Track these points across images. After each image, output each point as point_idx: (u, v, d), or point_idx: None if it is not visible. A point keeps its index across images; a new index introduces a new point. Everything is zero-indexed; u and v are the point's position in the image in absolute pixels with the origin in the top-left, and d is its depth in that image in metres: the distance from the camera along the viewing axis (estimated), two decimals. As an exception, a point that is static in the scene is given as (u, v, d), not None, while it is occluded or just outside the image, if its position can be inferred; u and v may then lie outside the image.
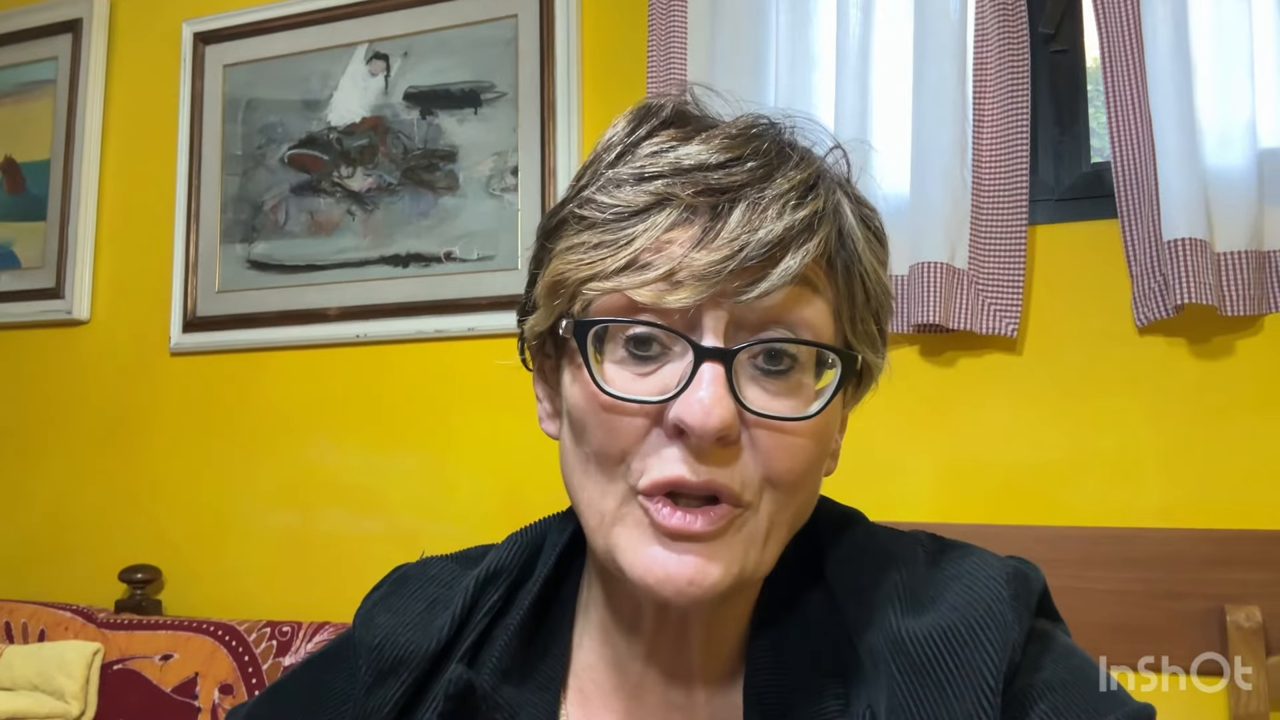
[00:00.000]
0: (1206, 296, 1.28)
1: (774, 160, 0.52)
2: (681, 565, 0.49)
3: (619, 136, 0.55)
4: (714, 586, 0.50)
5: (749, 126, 0.54)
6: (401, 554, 0.72)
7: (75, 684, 1.65)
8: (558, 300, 0.54)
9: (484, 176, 1.80)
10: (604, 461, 0.52)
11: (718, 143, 0.52)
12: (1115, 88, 1.41)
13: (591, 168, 0.55)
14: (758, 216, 0.49)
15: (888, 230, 0.59)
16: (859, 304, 0.54)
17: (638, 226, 0.51)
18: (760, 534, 0.51)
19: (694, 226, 0.50)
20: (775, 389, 0.51)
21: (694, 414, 0.48)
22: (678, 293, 0.49)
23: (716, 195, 0.50)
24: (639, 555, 0.50)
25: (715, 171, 0.51)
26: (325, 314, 1.87)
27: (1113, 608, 1.33)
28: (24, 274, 2.13)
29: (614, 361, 0.51)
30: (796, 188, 0.51)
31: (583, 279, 0.52)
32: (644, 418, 0.50)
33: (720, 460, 0.49)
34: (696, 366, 0.49)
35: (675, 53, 1.58)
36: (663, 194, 0.51)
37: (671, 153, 0.52)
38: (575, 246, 0.53)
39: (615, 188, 0.52)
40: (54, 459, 2.07)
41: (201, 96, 2.02)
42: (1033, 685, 0.51)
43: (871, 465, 1.44)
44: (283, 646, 1.63)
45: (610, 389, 0.50)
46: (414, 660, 0.59)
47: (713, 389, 0.48)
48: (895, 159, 1.49)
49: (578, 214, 0.54)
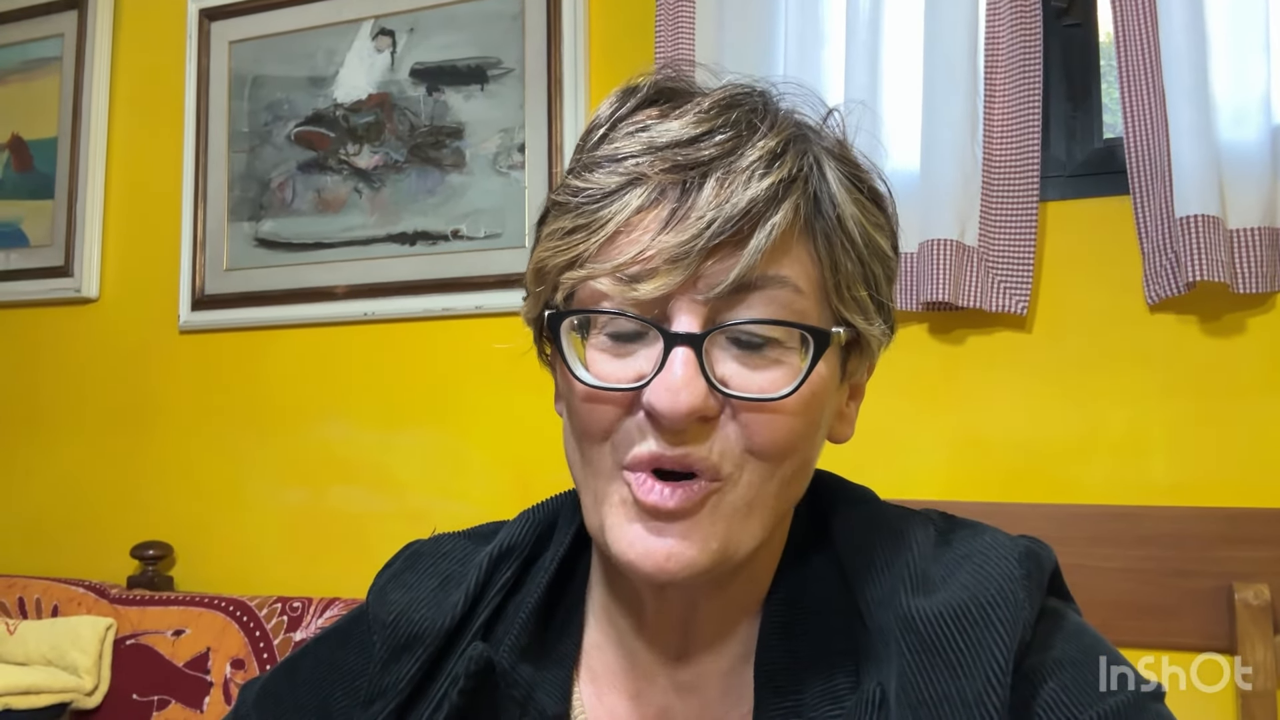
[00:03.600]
0: (1218, 274, 1.28)
1: (744, 131, 0.51)
2: (659, 541, 0.50)
3: (601, 119, 0.55)
4: (691, 563, 0.50)
5: (724, 98, 0.53)
6: (410, 530, 0.72)
7: (88, 659, 1.67)
8: (541, 288, 0.54)
9: (491, 154, 1.79)
10: (589, 440, 0.53)
11: (690, 117, 0.51)
12: (1128, 62, 1.39)
13: (576, 153, 0.55)
14: (725, 190, 0.49)
15: (897, 207, 0.57)
16: (844, 271, 0.53)
17: (611, 208, 0.50)
18: (741, 507, 0.51)
19: (663, 206, 0.50)
20: (754, 365, 0.50)
21: (663, 400, 0.48)
22: (649, 282, 0.49)
23: (685, 171, 0.50)
24: (622, 533, 0.51)
25: (686, 147, 0.50)
26: (333, 292, 1.87)
27: (1121, 586, 1.33)
28: (32, 252, 2.13)
29: (596, 347, 0.52)
30: (764, 156, 0.50)
31: (560, 266, 0.52)
32: (622, 404, 0.51)
33: (697, 437, 0.50)
34: (667, 352, 0.49)
35: (683, 27, 1.56)
36: (633, 174, 0.50)
37: (646, 132, 0.52)
38: (554, 233, 0.53)
39: (589, 171, 0.52)
40: (64, 436, 2.08)
41: (207, 73, 2.02)
42: (1043, 663, 0.51)
43: (880, 443, 1.44)
44: (294, 622, 1.64)
45: (587, 378, 0.51)
46: (428, 636, 0.59)
47: (682, 373, 0.48)
48: (905, 135, 1.48)
49: (556, 200, 0.54)
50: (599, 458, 0.52)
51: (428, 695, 0.58)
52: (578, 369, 0.52)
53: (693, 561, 0.50)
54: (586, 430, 0.53)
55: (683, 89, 0.55)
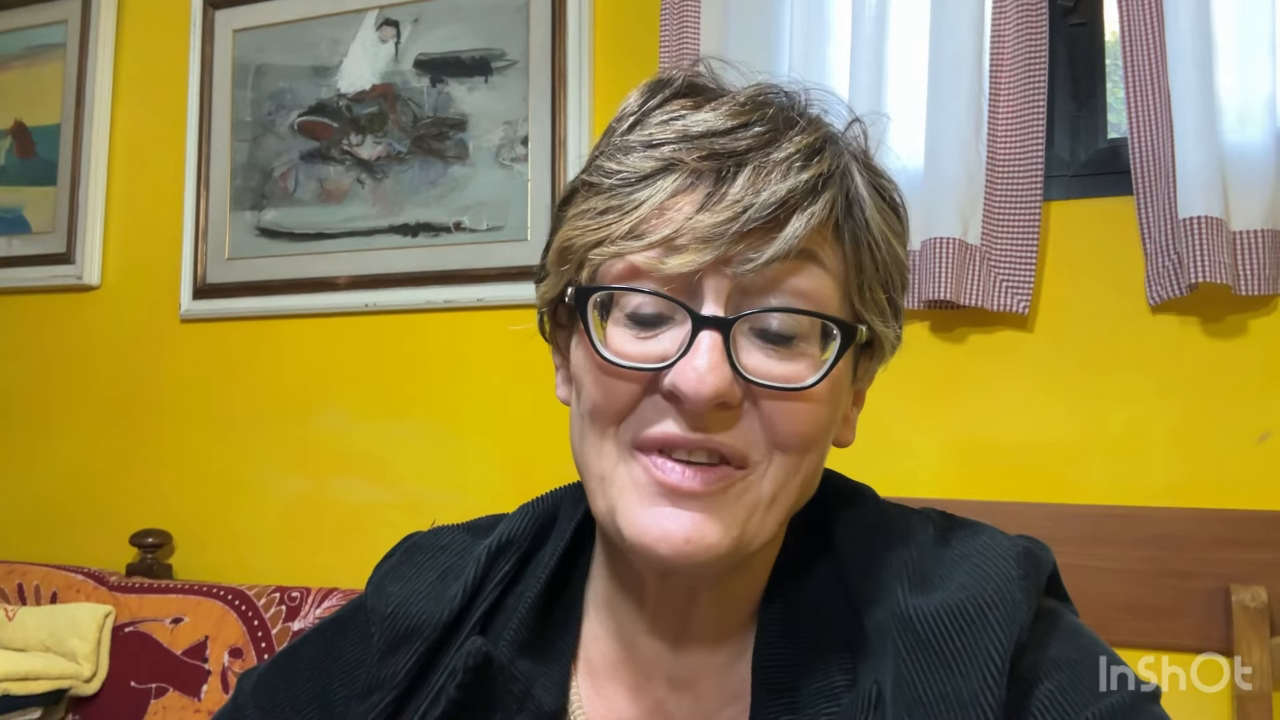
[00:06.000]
0: (1221, 275, 1.27)
1: (780, 126, 0.52)
2: (679, 522, 0.50)
3: (632, 107, 0.55)
4: (712, 547, 0.50)
5: (759, 94, 0.54)
6: (409, 522, 0.72)
7: (87, 645, 1.67)
8: (565, 266, 0.54)
9: (494, 146, 1.79)
10: (600, 421, 0.52)
11: (726, 109, 0.52)
12: (1134, 62, 1.39)
13: (605, 138, 0.56)
14: (761, 180, 0.49)
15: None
16: (867, 273, 0.53)
17: (644, 192, 0.51)
18: (765, 499, 0.51)
19: (698, 191, 0.50)
20: (778, 355, 0.51)
21: (688, 381, 0.48)
22: (680, 256, 0.49)
23: (722, 160, 0.50)
24: (637, 514, 0.51)
25: (722, 137, 0.51)
26: (334, 283, 1.87)
27: (1119, 586, 1.33)
28: (34, 239, 2.13)
29: (618, 326, 0.52)
30: (802, 151, 0.51)
31: (589, 244, 0.52)
32: (641, 383, 0.51)
33: (720, 424, 0.50)
34: (694, 334, 0.49)
35: (688, 22, 1.56)
36: (669, 159, 0.51)
37: (680, 120, 0.52)
38: (584, 213, 0.53)
39: (624, 155, 0.53)
40: (65, 423, 2.08)
41: (211, 62, 2.01)
42: (1039, 664, 0.51)
43: (880, 441, 1.44)
44: (291, 611, 1.64)
45: (608, 354, 0.51)
46: (426, 629, 0.59)
47: (709, 357, 0.48)
48: (910, 133, 1.48)
49: (587, 181, 0.54)
50: (610, 439, 0.52)
51: (425, 688, 0.58)
52: (600, 345, 0.51)
53: (713, 546, 0.50)
54: (601, 409, 0.52)
55: (712, 87, 0.56)
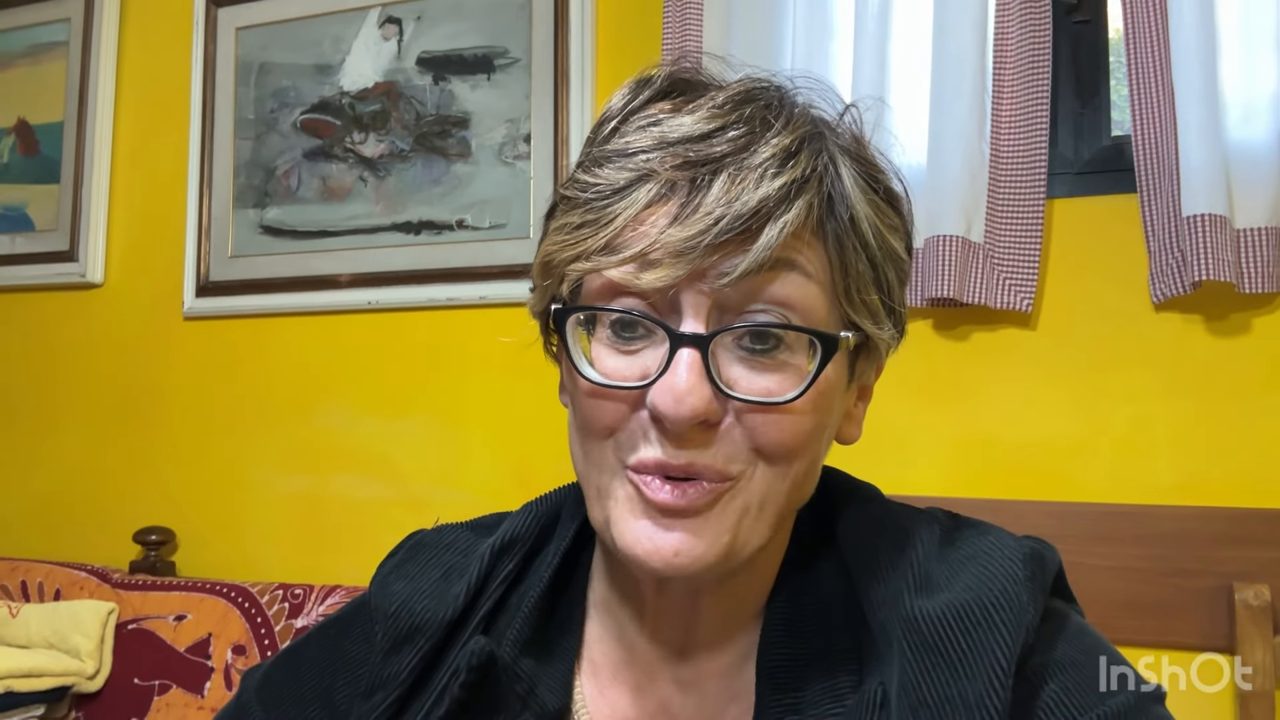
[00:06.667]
0: (1224, 273, 1.27)
1: (758, 128, 0.50)
2: (668, 539, 0.50)
3: (613, 110, 0.54)
4: (700, 559, 0.50)
5: (740, 93, 0.52)
6: (412, 519, 0.72)
7: (90, 642, 1.68)
8: (548, 281, 0.54)
9: (496, 144, 1.78)
10: (593, 436, 0.52)
11: (704, 112, 0.51)
12: (1137, 59, 1.39)
13: (586, 147, 0.55)
14: (736, 187, 0.48)
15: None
16: (855, 275, 0.52)
17: (619, 204, 0.50)
18: (754, 505, 0.51)
19: (672, 202, 0.49)
20: (761, 367, 0.50)
21: (667, 403, 0.48)
22: (654, 271, 0.48)
23: (696, 168, 0.49)
24: (629, 528, 0.51)
25: (698, 143, 0.50)
26: (337, 280, 1.87)
27: (1122, 584, 1.33)
28: (37, 236, 2.13)
29: (601, 342, 0.51)
30: (778, 155, 0.49)
31: (567, 259, 0.52)
32: (628, 401, 0.51)
33: (701, 442, 0.49)
34: (673, 353, 0.49)
35: (691, 18, 1.56)
36: (643, 170, 0.50)
37: (658, 127, 0.51)
38: (562, 227, 0.52)
39: (599, 166, 0.52)
40: (68, 421, 2.08)
41: (214, 59, 2.01)
42: (1044, 665, 0.51)
43: (884, 440, 1.44)
44: (295, 609, 1.65)
45: (592, 375, 0.51)
46: (430, 628, 0.59)
47: (687, 376, 0.48)
48: (913, 130, 1.47)
49: (565, 195, 0.53)
50: (603, 453, 0.52)
51: (429, 687, 0.58)
52: (583, 366, 0.51)
53: (701, 556, 0.50)
54: (591, 426, 0.52)
55: (698, 81, 0.54)
